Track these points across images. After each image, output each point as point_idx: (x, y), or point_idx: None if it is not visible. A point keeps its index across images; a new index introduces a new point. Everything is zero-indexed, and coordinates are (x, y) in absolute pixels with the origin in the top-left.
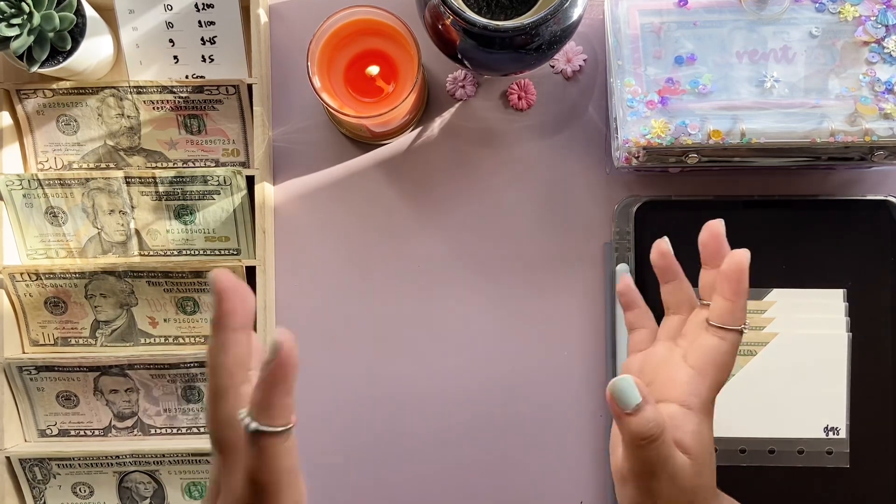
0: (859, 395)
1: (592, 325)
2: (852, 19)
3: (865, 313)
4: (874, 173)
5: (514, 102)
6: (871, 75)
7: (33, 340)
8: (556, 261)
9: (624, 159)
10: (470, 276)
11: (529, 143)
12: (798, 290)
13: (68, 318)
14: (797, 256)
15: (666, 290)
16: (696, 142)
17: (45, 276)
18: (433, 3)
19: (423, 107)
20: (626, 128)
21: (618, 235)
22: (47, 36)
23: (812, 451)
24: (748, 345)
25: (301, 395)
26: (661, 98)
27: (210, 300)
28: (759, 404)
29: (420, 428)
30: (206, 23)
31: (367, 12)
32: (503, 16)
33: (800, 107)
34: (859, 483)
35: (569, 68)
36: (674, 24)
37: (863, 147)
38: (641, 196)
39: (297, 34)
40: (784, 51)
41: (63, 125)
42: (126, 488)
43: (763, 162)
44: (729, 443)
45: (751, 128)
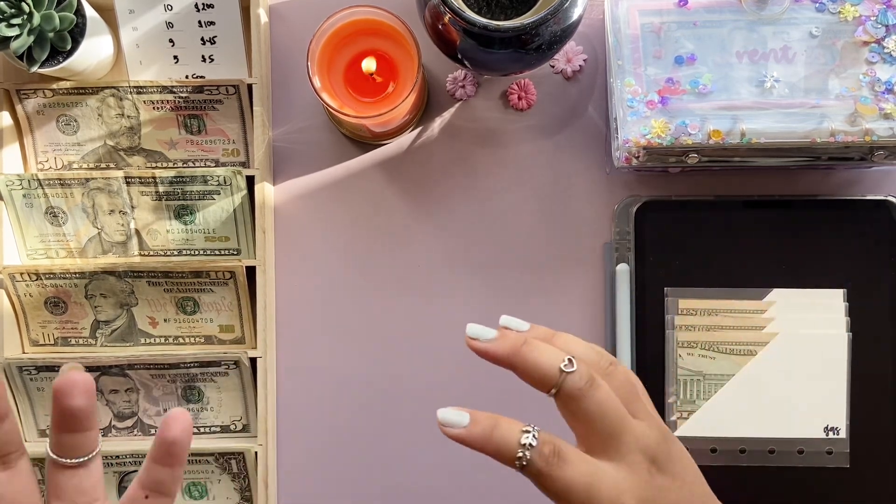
0: (859, 395)
1: (592, 325)
2: (852, 19)
3: (865, 313)
4: (874, 173)
5: (514, 102)
6: (871, 75)
7: (33, 340)
8: (556, 261)
9: (624, 159)
10: (470, 275)
11: (529, 143)
12: (798, 290)
13: (68, 318)
14: (797, 256)
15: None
16: (696, 142)
17: (45, 276)
18: (433, 3)
19: (423, 107)
20: (626, 128)
21: (618, 235)
22: (47, 36)
23: (812, 451)
24: (748, 345)
25: (301, 395)
26: (661, 98)
27: (210, 300)
28: (759, 404)
29: (420, 427)
30: (206, 23)
31: (367, 12)
32: (503, 16)
33: (800, 107)
34: (859, 483)
35: (569, 68)
36: (674, 24)
37: (863, 147)
38: (641, 196)
39: (297, 34)
40: (784, 51)
41: (63, 125)
42: (126, 488)
43: (763, 162)
44: (729, 443)
45: (751, 128)
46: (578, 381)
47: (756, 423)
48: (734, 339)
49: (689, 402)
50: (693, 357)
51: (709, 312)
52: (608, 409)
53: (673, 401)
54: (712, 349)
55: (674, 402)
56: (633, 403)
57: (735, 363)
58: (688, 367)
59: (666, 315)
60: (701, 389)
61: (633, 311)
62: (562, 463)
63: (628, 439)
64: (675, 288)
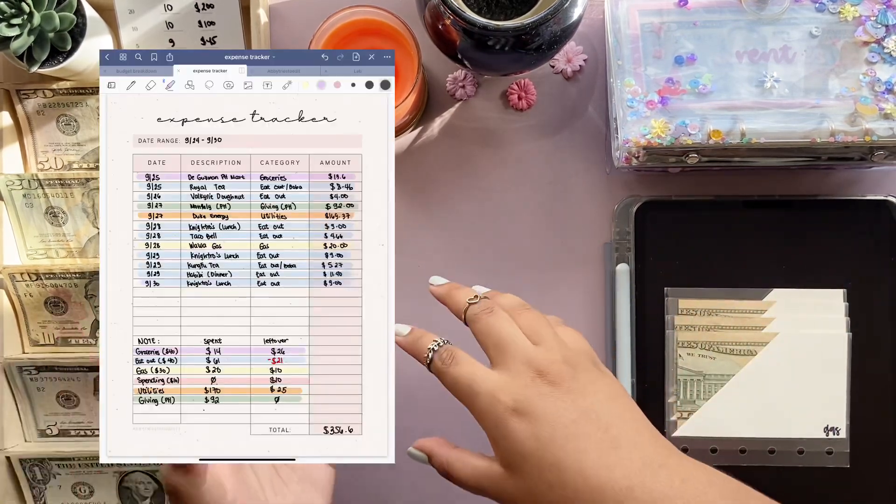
0: (859, 395)
1: (592, 325)
2: (852, 19)
3: (865, 313)
4: (874, 173)
5: (514, 102)
6: (871, 75)
7: (33, 340)
8: (556, 261)
9: (624, 159)
10: (470, 275)
11: (529, 143)
12: (798, 290)
13: (68, 318)
14: (797, 256)
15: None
16: (696, 142)
17: (45, 276)
18: (433, 3)
19: (423, 107)
20: (626, 128)
21: (618, 235)
22: (47, 36)
23: (812, 451)
24: (748, 345)
25: None
26: (661, 98)
27: None
28: (759, 404)
29: (420, 427)
30: (206, 23)
31: (367, 12)
32: (503, 16)
33: (800, 107)
34: (859, 483)
35: (569, 68)
36: (674, 24)
37: (863, 147)
38: (641, 196)
39: (297, 34)
40: (784, 51)
41: (63, 125)
42: (126, 488)
43: (763, 162)
44: (729, 443)
45: (751, 128)
46: (476, 309)
47: (756, 423)
48: (734, 339)
49: (689, 402)
50: (693, 357)
51: (709, 312)
52: (496, 329)
53: (673, 401)
54: (712, 349)
55: (674, 402)
56: (537, 335)
57: (735, 363)
58: (688, 367)
59: (666, 315)
60: (701, 389)
61: (633, 311)
62: (454, 363)
63: (513, 351)
64: (675, 288)
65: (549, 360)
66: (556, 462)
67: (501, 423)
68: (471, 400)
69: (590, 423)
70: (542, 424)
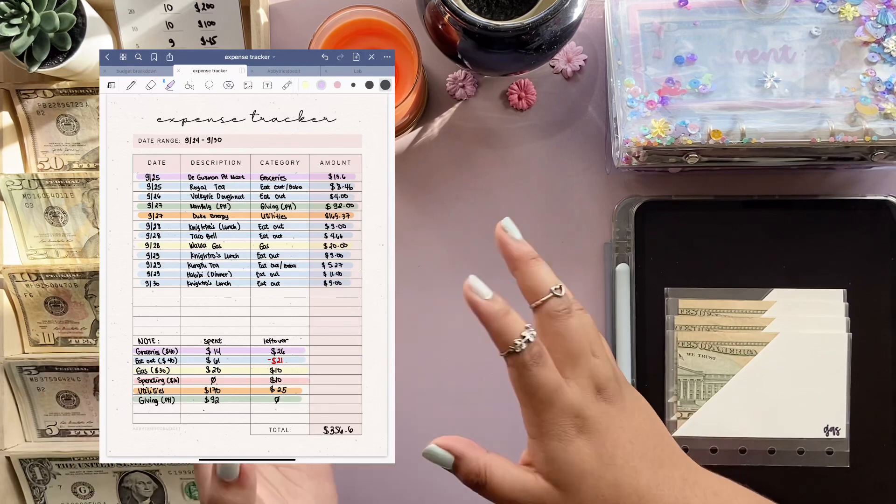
0: (859, 395)
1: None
2: (852, 19)
3: (865, 313)
4: (874, 173)
5: (514, 102)
6: (871, 75)
7: (33, 340)
8: (556, 261)
9: (624, 159)
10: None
11: (529, 143)
12: (798, 290)
13: (68, 318)
14: (797, 256)
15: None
16: (696, 142)
17: (45, 276)
18: (433, 3)
19: (423, 107)
20: (626, 128)
21: (618, 235)
22: (47, 36)
23: (812, 451)
24: (748, 345)
25: None
26: (661, 98)
27: None
28: (759, 404)
29: (420, 427)
30: (206, 23)
31: (367, 12)
32: (503, 16)
33: (800, 107)
34: (859, 483)
35: (569, 68)
36: (674, 24)
37: (863, 147)
38: (641, 196)
39: (297, 34)
40: (784, 51)
41: (63, 125)
42: (126, 488)
43: (763, 162)
44: (729, 443)
45: (751, 128)
46: (559, 305)
47: (756, 423)
48: (734, 339)
49: (689, 402)
50: (693, 357)
51: (709, 312)
52: (576, 335)
53: (673, 401)
54: (712, 349)
55: (674, 402)
56: (595, 343)
57: (735, 363)
58: (688, 367)
59: (666, 315)
60: (701, 389)
61: (633, 311)
62: (543, 364)
63: (583, 363)
64: (675, 288)
65: (606, 376)
66: (615, 482)
67: (566, 438)
68: (542, 407)
69: (641, 442)
70: (605, 444)
